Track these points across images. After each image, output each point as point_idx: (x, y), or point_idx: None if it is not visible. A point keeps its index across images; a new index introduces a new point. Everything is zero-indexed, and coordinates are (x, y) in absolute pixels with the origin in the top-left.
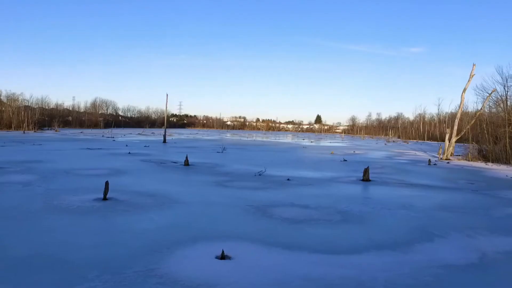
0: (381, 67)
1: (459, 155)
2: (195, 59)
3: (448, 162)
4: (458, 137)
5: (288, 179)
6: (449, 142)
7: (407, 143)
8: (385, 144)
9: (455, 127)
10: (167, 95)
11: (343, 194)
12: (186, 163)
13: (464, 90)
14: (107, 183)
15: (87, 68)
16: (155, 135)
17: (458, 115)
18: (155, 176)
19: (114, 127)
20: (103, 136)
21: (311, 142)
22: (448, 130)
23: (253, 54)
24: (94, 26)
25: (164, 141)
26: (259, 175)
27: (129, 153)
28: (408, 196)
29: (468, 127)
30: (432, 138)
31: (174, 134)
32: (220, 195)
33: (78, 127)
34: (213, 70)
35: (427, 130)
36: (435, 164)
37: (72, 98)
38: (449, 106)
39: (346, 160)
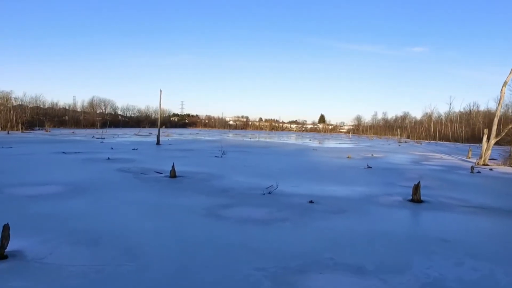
0: (384, 67)
1: (495, 159)
2: (198, 58)
3: (491, 169)
4: (498, 139)
5: (311, 202)
6: (486, 144)
7: (420, 143)
8: (399, 145)
9: (494, 127)
10: (160, 91)
11: (401, 231)
12: (173, 174)
13: (505, 83)
14: (5, 229)
15: (87, 67)
16: (152, 135)
17: (498, 113)
18: (122, 196)
19: (112, 127)
20: (93, 137)
21: (319, 143)
22: (485, 131)
23: (257, 54)
24: (95, 25)
25: (158, 142)
26: (269, 193)
27: (109, 158)
28: (505, 234)
29: (510, 126)
30: (443, 138)
31: (173, 134)
32: (210, 239)
33: (74, 126)
34: (215, 70)
35: (438, 130)
36: (479, 172)
37: (73, 98)
38: (460, 104)
39: (370, 167)
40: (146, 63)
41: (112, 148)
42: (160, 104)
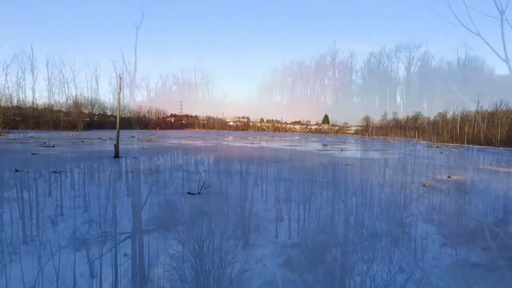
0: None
1: None
2: (198, 59)
3: None
4: None
5: None
6: None
7: (458, 149)
8: (441, 152)
9: None
10: (120, 77)
11: None
12: None
13: None
14: None
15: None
16: (132, 140)
17: None
18: None
19: (96, 128)
20: (43, 143)
21: (341, 150)
22: None
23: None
24: (95, 25)
25: (116, 155)
26: None
27: None
28: None
29: None
30: (473, 141)
31: (159, 139)
32: None
33: (52, 129)
34: (216, 70)
35: (465, 132)
36: None
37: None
38: (488, 102)
39: None
40: (145, 63)
41: (16, 171)
42: (118, 98)
